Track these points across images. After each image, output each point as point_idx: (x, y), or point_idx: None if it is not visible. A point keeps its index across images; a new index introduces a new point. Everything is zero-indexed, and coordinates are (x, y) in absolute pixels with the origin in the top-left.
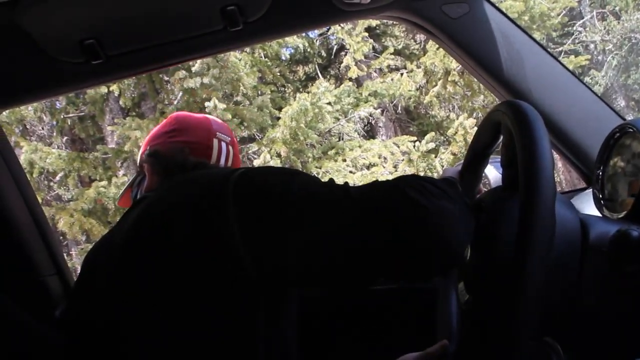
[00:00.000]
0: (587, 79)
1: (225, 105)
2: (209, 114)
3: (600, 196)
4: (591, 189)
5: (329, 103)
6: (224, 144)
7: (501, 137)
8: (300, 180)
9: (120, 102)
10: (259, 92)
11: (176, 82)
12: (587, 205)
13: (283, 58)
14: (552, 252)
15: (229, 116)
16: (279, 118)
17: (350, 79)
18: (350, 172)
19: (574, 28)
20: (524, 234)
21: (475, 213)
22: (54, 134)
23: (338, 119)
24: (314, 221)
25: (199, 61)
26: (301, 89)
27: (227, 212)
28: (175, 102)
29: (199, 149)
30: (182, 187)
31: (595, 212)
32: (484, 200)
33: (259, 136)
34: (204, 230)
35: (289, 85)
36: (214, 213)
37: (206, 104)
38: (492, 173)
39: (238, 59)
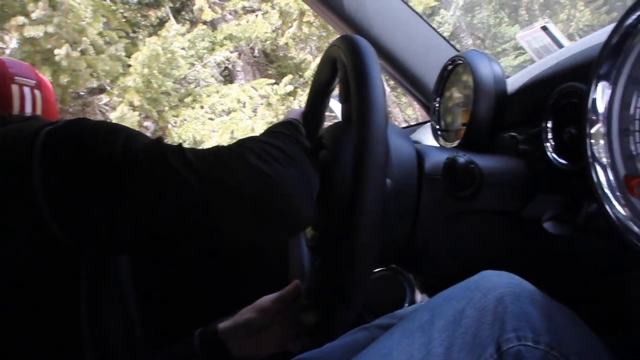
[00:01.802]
0: (437, 18)
1: (79, 54)
2: (59, 63)
3: (437, 127)
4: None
5: (183, 48)
6: (26, 89)
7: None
8: (126, 140)
9: None
10: (106, 39)
11: (13, 30)
12: (429, 137)
13: (131, 1)
14: (386, 179)
15: (83, 64)
16: (130, 66)
17: (204, 22)
18: (210, 119)
19: None
20: (358, 162)
21: (317, 150)
22: None
23: (193, 65)
24: (141, 189)
25: (40, 8)
26: (154, 35)
27: (32, 178)
28: (7, 53)
29: None
30: None
31: (435, 143)
32: (324, 136)
33: (109, 86)
34: (7, 201)
35: (141, 31)
36: (16, 181)
37: (56, 51)
38: (340, 109)
39: (77, 2)
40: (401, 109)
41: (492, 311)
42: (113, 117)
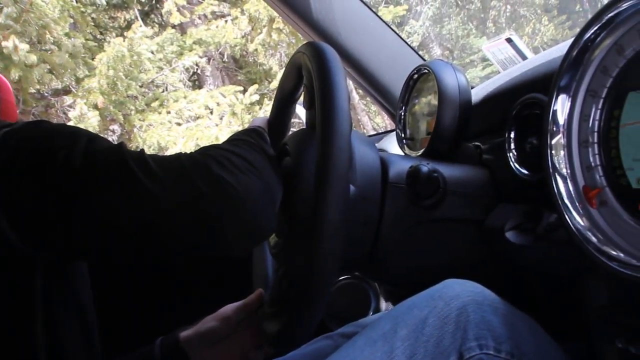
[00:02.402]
0: (407, 28)
1: (28, 47)
2: (9, 57)
3: (402, 135)
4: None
5: (152, 52)
6: None
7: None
8: (87, 143)
9: None
10: (72, 39)
11: None
12: (394, 146)
13: (99, 2)
14: (349, 185)
15: (34, 58)
16: (95, 68)
17: (173, 26)
18: (177, 123)
19: None
20: (321, 167)
21: (281, 157)
22: None
23: (162, 69)
24: (100, 195)
25: None
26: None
27: None
28: None
29: None
30: None
31: (400, 152)
32: (288, 143)
33: (74, 87)
34: None
35: (108, 33)
36: None
37: (3, 44)
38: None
39: (45, 2)
40: (370, 118)
41: (454, 320)
42: (72, 116)
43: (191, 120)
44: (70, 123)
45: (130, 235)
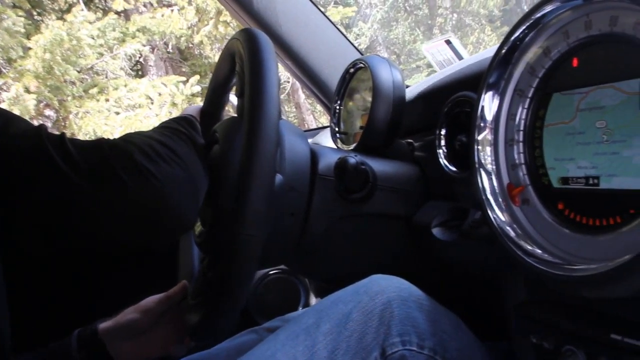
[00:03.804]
0: (355, 30)
1: None
2: None
3: (336, 129)
4: None
5: (92, 37)
6: None
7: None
8: (2, 124)
9: None
10: (5, 16)
11: None
12: (329, 141)
13: None
14: (274, 170)
15: None
16: (30, 49)
17: (117, 12)
18: (116, 112)
19: None
20: (246, 150)
21: (210, 146)
22: None
23: (102, 55)
24: (13, 179)
25: None
26: (61, 20)
27: None
28: None
29: None
30: None
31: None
32: (217, 130)
33: (6, 68)
34: None
35: (47, 14)
36: None
37: None
38: None
39: None
40: (315, 117)
41: (378, 315)
42: (6, 97)
43: (131, 109)
44: (4, 105)
45: (43, 224)
